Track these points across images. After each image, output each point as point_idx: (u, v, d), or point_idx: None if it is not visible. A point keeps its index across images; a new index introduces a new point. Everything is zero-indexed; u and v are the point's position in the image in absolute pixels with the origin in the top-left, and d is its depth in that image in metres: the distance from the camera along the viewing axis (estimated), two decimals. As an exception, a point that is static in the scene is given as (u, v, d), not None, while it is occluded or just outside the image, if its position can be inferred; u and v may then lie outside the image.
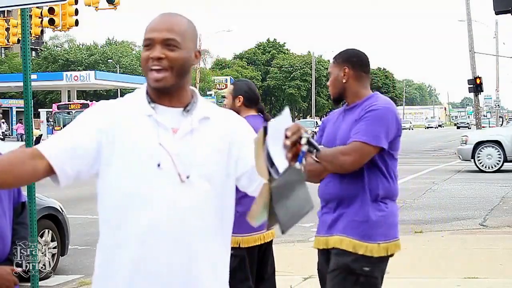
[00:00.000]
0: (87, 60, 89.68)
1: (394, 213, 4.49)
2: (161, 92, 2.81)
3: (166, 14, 2.87)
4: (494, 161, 24.32)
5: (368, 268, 4.34)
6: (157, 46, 2.78)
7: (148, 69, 2.79)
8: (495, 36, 79.30)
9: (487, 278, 8.45)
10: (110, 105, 2.85)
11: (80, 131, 2.78)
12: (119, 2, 28.88)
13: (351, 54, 4.59)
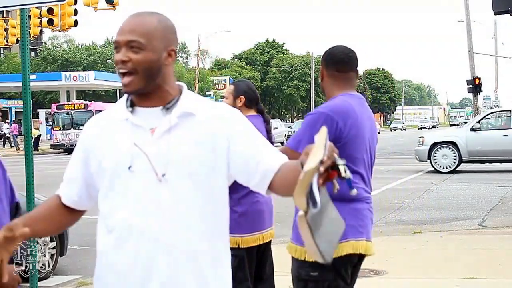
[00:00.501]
0: (86, 60, 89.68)
1: (350, 215, 4.22)
2: (137, 95, 2.80)
3: (133, 15, 2.82)
4: (449, 162, 24.71)
5: (316, 273, 4.22)
6: (122, 49, 2.75)
7: (119, 72, 2.77)
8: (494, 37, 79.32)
9: (486, 279, 8.46)
10: (94, 121, 2.94)
11: (72, 162, 2.98)
12: (118, 3, 28.89)
13: (326, 52, 4.50)
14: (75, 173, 2.94)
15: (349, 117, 4.24)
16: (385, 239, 11.23)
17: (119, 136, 2.77)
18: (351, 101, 4.36)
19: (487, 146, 24.55)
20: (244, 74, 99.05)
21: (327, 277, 4.22)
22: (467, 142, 24.71)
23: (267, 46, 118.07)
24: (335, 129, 4.16)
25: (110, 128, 2.81)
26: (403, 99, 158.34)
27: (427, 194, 18.18)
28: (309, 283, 4.25)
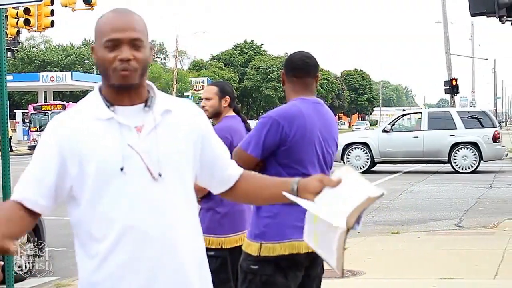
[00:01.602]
0: (64, 61, 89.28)
1: (285, 215, 4.36)
2: (123, 91, 2.74)
3: (123, 12, 2.78)
4: (362, 163, 25.25)
5: (256, 267, 4.39)
6: (125, 47, 2.70)
7: (113, 70, 2.71)
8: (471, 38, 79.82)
9: (462, 279, 8.51)
10: (63, 120, 2.76)
11: (41, 163, 2.74)
12: (96, 3, 28.74)
13: (287, 58, 4.70)
14: (47, 175, 2.70)
15: (295, 121, 4.41)
16: (363, 240, 11.27)
17: (105, 136, 2.68)
18: (302, 105, 4.50)
19: (398, 147, 25.14)
20: (222, 75, 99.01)
21: (265, 271, 4.38)
22: (379, 143, 25.30)
23: (245, 47, 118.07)
24: (280, 133, 4.37)
25: (90, 129, 2.69)
26: (380, 100, 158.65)
27: (404, 195, 18.26)
28: (248, 275, 4.43)
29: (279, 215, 4.37)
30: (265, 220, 4.39)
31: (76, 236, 2.83)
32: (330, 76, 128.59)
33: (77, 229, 2.81)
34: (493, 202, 16.44)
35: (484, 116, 25.70)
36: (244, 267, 4.44)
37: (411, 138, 25.37)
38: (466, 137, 24.80)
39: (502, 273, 8.76)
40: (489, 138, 24.73)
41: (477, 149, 24.64)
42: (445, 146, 24.79)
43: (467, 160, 24.68)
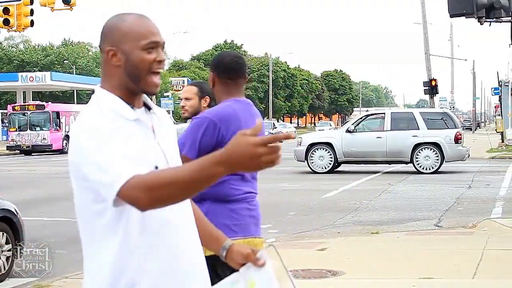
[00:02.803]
0: (43, 61, 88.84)
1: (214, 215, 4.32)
2: (134, 95, 2.79)
3: (147, 17, 2.84)
4: (325, 163, 25.41)
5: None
6: (159, 50, 2.79)
7: (150, 72, 2.75)
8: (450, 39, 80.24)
9: (442, 278, 8.54)
10: (104, 118, 2.69)
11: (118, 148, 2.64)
12: (75, 3, 28.64)
13: (216, 60, 4.68)
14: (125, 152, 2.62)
15: (232, 122, 4.41)
16: (343, 240, 11.29)
17: (138, 136, 2.71)
18: (236, 106, 4.51)
19: (361, 147, 25.31)
20: (203, 75, 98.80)
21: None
22: (343, 144, 25.46)
23: (225, 48, 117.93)
24: (217, 134, 4.37)
25: (127, 128, 2.70)
26: (360, 101, 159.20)
27: (384, 195, 18.31)
28: None
29: (207, 215, 4.37)
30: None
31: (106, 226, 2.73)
32: (310, 76, 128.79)
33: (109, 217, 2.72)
34: (472, 202, 16.52)
35: (447, 117, 25.94)
36: None
37: (374, 138, 25.52)
38: (428, 138, 25.05)
39: (481, 273, 8.80)
40: (451, 139, 24.96)
41: (439, 150, 24.86)
42: (407, 146, 25.00)
43: (429, 161, 24.89)
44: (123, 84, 2.78)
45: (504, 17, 12.49)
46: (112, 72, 2.79)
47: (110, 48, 2.77)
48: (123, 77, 2.77)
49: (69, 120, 48.28)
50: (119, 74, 2.77)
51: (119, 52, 2.76)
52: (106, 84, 2.81)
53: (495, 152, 37.13)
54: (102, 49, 2.82)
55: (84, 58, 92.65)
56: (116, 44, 2.76)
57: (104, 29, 2.83)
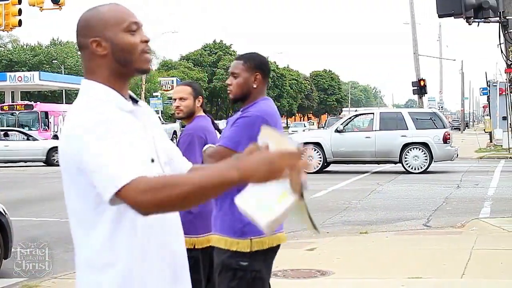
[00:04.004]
0: (31, 60, 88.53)
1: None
2: (125, 81, 2.78)
3: (120, 4, 2.83)
4: (314, 162, 25.36)
5: (246, 263, 4.48)
6: (141, 31, 2.79)
7: (142, 52, 2.75)
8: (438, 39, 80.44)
9: (431, 278, 8.55)
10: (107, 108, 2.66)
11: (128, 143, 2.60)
12: (64, 2, 28.56)
13: (264, 62, 4.82)
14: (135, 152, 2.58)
15: (274, 120, 4.62)
16: (332, 240, 11.29)
17: (135, 128, 2.69)
18: (272, 105, 4.76)
19: (350, 147, 25.36)
20: (192, 75, 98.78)
21: (254, 267, 4.48)
22: (332, 143, 25.47)
23: (214, 47, 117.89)
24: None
25: (124, 120, 2.66)
26: (349, 101, 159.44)
27: (373, 195, 18.33)
28: (238, 272, 4.47)
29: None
30: (242, 217, 4.44)
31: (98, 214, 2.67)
32: (299, 76, 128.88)
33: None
34: (461, 201, 16.57)
35: (435, 117, 26.03)
36: (233, 264, 4.47)
37: (363, 138, 25.57)
38: (417, 138, 25.11)
39: (469, 272, 8.82)
40: (439, 138, 25.03)
41: (428, 150, 24.93)
42: (396, 146, 25.05)
43: (417, 161, 24.95)
44: (113, 73, 2.75)
45: (492, 17, 12.52)
46: (99, 64, 2.75)
47: (93, 39, 2.74)
48: (112, 64, 2.74)
49: (58, 120, 48.13)
50: (107, 63, 2.74)
51: (103, 40, 2.73)
52: (95, 78, 2.75)
53: (484, 152, 37.25)
54: (83, 44, 2.78)
55: (73, 58, 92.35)
56: (98, 33, 2.74)
57: (81, 23, 2.80)
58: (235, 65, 4.78)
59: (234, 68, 4.78)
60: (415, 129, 25.16)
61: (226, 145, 4.48)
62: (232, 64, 4.82)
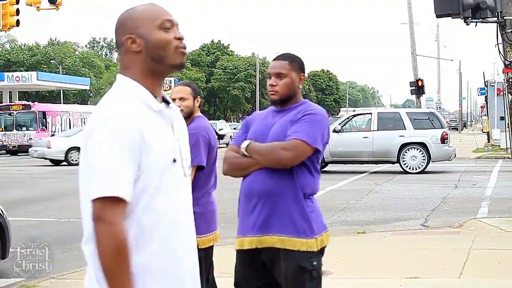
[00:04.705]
0: (29, 60, 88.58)
1: (318, 208, 4.61)
2: (158, 80, 2.84)
3: (156, 4, 2.90)
4: None
5: (316, 262, 4.48)
6: (175, 29, 2.85)
7: (175, 48, 2.81)
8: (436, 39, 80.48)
9: (429, 278, 8.56)
10: (131, 110, 2.70)
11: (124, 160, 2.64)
12: (61, 2, 28.55)
13: (303, 63, 4.74)
14: (131, 171, 2.65)
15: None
16: (330, 240, 11.27)
17: (160, 128, 2.75)
18: None
19: (349, 147, 25.33)
20: (190, 75, 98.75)
21: (320, 264, 4.55)
22: (330, 143, 25.20)
23: (212, 47, 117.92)
24: (329, 129, 4.63)
25: (151, 120, 2.73)
26: (347, 101, 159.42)
27: (371, 195, 18.34)
28: (313, 272, 4.48)
29: (316, 207, 4.55)
30: (311, 215, 4.49)
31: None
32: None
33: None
34: (458, 201, 16.58)
35: (433, 117, 26.02)
36: (308, 266, 4.46)
37: (361, 138, 25.57)
38: (415, 138, 25.12)
39: (467, 272, 8.83)
40: (437, 139, 25.06)
41: (426, 150, 24.96)
42: (394, 146, 25.07)
43: (415, 161, 24.97)
44: (146, 70, 2.81)
45: (490, 17, 12.53)
46: (133, 60, 2.81)
47: (128, 36, 2.81)
48: (146, 61, 2.80)
49: (56, 120, 48.15)
50: (141, 59, 2.81)
51: (137, 37, 2.80)
52: (128, 74, 2.82)
53: (481, 152, 37.28)
54: (119, 41, 2.85)
55: (70, 58, 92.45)
56: (133, 31, 2.81)
57: (118, 22, 2.87)
58: (281, 66, 4.62)
59: (281, 68, 4.61)
60: (413, 129, 25.16)
61: (303, 139, 4.40)
62: (275, 64, 4.65)
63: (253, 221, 4.50)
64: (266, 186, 4.44)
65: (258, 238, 4.49)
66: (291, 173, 4.44)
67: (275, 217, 4.44)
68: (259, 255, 4.53)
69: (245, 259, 4.60)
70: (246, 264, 4.60)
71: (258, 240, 4.49)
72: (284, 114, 4.59)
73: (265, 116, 4.74)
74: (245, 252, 4.56)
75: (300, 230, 4.43)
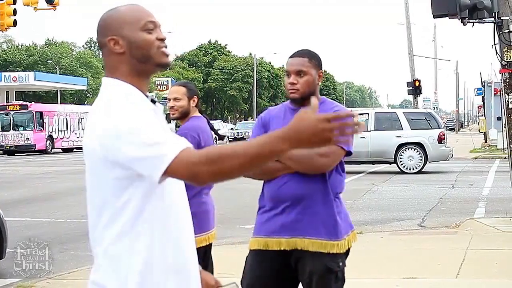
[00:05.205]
0: (26, 60, 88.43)
1: (345, 207, 4.60)
2: (145, 80, 2.84)
3: (139, 4, 2.88)
4: None
5: (341, 263, 4.52)
6: (158, 30, 2.83)
7: (157, 48, 2.79)
8: (433, 39, 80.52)
9: (425, 278, 8.56)
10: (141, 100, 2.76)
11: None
12: (58, 2, 28.53)
13: (321, 59, 4.66)
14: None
15: None
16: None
17: (161, 125, 2.74)
18: None
19: None
20: (187, 76, 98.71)
21: (345, 264, 4.57)
22: None
23: (209, 48, 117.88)
24: None
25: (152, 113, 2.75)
26: (344, 101, 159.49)
27: (368, 195, 18.35)
28: (339, 273, 4.51)
29: (343, 207, 4.55)
30: (340, 216, 4.49)
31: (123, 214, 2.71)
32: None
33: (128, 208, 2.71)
34: (455, 202, 16.59)
35: (430, 117, 26.05)
36: (335, 267, 4.47)
37: (358, 138, 25.49)
38: (412, 138, 25.13)
39: (464, 272, 8.84)
40: (434, 139, 25.05)
41: (423, 150, 24.95)
42: (391, 146, 25.05)
43: (412, 161, 24.97)
44: (132, 70, 2.80)
45: (487, 17, 12.52)
46: (119, 61, 2.79)
47: (110, 37, 2.79)
48: (131, 61, 2.79)
49: (53, 120, 48.15)
50: (126, 60, 2.79)
51: (120, 38, 2.78)
52: (116, 75, 2.79)
53: (478, 152, 37.30)
54: (102, 42, 2.82)
55: (67, 58, 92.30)
56: (116, 32, 2.79)
57: (100, 22, 2.85)
58: (301, 63, 4.50)
59: (301, 66, 4.49)
60: (410, 129, 25.17)
61: (341, 145, 4.36)
62: (294, 61, 4.52)
63: (281, 223, 4.45)
64: (297, 190, 4.40)
65: (288, 240, 4.44)
66: (324, 176, 4.42)
67: (306, 220, 4.41)
68: (280, 257, 4.50)
69: (264, 260, 4.56)
70: (265, 266, 4.56)
71: (287, 242, 4.45)
72: None
73: (284, 115, 4.58)
74: (268, 253, 4.52)
75: (331, 232, 4.42)
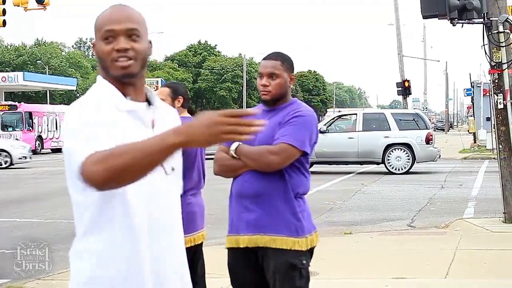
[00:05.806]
0: (15, 61, 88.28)
1: (308, 208, 4.69)
2: (127, 83, 2.77)
3: (119, 6, 2.82)
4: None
5: (305, 261, 4.54)
6: (121, 38, 2.74)
7: (113, 61, 2.74)
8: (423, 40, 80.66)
9: (415, 278, 8.58)
10: (89, 107, 2.70)
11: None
12: (48, 2, 28.48)
13: (292, 62, 4.73)
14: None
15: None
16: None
17: (129, 128, 2.70)
18: None
19: (334, 148, 25.25)
20: (176, 76, 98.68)
21: (309, 263, 4.59)
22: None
23: (199, 48, 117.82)
24: (317, 130, 4.66)
25: (115, 119, 2.68)
26: (334, 101, 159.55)
27: (357, 196, 18.36)
28: (302, 271, 4.53)
29: (307, 207, 4.64)
30: (302, 215, 4.56)
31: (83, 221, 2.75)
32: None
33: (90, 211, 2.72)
34: (445, 202, 16.63)
35: (418, 118, 26.11)
36: (298, 263, 4.50)
37: (346, 138, 25.57)
38: (400, 139, 25.18)
39: (453, 273, 8.86)
40: (422, 139, 25.11)
41: (410, 150, 25.00)
42: (379, 147, 25.09)
43: (400, 161, 25.01)
44: (107, 74, 2.81)
45: (476, 18, 12.55)
46: (99, 62, 2.83)
47: (93, 41, 2.85)
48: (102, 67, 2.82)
49: (42, 120, 48.01)
50: (100, 64, 2.82)
51: (94, 45, 2.82)
52: (101, 74, 2.84)
53: (468, 153, 37.39)
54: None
55: (57, 58, 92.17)
56: (95, 35, 2.82)
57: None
58: (274, 66, 4.57)
59: (274, 68, 4.56)
60: (398, 130, 25.22)
61: (291, 143, 4.43)
62: (267, 64, 4.60)
63: (245, 221, 4.55)
64: (258, 187, 4.49)
65: (250, 237, 4.54)
66: (282, 174, 4.49)
67: (266, 217, 4.49)
68: (252, 254, 4.58)
69: (238, 257, 4.65)
70: (239, 262, 4.66)
71: (250, 239, 4.54)
72: (273, 114, 4.58)
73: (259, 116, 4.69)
74: (239, 250, 4.60)
75: (291, 229, 4.48)
